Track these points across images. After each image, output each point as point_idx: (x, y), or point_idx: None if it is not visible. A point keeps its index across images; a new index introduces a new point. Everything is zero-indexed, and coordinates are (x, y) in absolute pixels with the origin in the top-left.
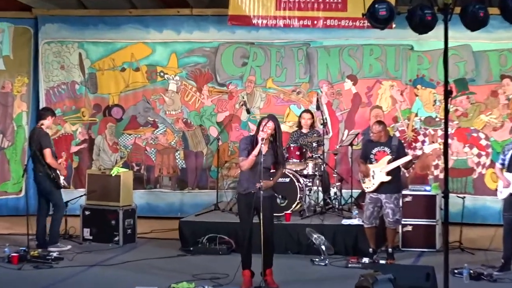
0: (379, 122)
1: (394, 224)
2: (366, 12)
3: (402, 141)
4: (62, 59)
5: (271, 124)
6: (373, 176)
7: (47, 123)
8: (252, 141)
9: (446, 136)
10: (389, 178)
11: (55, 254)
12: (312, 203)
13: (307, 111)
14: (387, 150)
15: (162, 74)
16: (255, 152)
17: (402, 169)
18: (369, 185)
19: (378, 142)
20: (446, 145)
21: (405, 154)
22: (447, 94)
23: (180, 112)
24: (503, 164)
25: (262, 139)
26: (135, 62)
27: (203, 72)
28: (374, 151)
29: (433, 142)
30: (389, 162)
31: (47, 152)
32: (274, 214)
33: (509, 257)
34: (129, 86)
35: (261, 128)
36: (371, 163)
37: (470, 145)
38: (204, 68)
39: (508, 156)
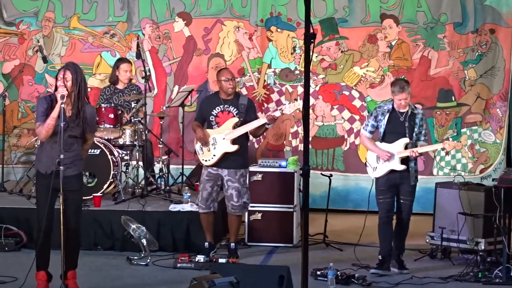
0: (228, 72)
1: (240, 210)
2: None
3: (252, 100)
4: None
5: (69, 75)
6: (213, 145)
7: None
8: (53, 101)
9: (306, 94)
10: (235, 147)
11: None
12: (130, 182)
13: (124, 60)
14: (233, 110)
15: None
16: (54, 114)
17: (251, 137)
18: (208, 156)
19: (221, 99)
20: (306, 106)
21: (256, 117)
22: (309, 38)
23: None
24: (371, 132)
25: (62, 96)
26: None
27: None
28: (215, 111)
29: (295, 100)
30: (236, 126)
31: None
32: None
33: (388, 253)
34: None
35: (59, 83)
36: (211, 127)
37: (339, 106)
38: None
39: (384, 121)
